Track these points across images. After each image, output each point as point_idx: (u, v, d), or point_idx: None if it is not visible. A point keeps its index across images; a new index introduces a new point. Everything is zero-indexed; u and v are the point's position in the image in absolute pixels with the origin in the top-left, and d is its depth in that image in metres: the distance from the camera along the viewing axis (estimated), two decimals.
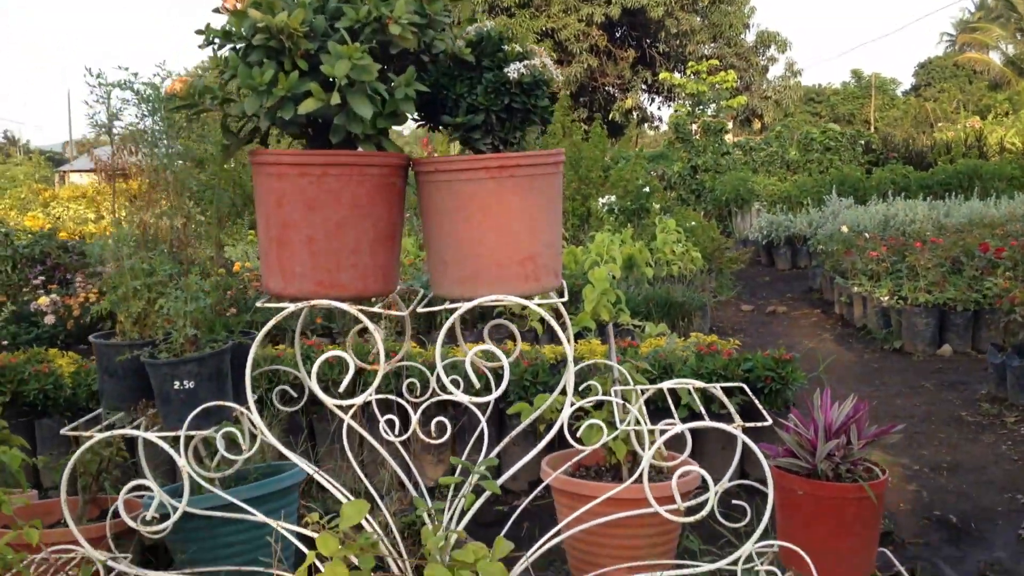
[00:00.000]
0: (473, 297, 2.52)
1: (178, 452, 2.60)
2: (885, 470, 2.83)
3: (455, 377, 2.84)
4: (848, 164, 19.89)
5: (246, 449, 2.65)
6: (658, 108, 34.89)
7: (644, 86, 32.30)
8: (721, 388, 2.94)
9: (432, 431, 2.82)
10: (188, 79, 2.35)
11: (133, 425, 2.71)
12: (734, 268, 11.69)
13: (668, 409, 3.27)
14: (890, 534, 4.03)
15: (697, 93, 20.20)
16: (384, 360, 2.61)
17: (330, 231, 2.42)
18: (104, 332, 2.87)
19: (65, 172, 33.30)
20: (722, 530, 3.22)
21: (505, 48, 2.42)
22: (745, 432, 2.62)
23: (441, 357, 2.59)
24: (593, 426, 2.73)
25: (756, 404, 2.91)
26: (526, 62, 2.37)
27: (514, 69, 2.36)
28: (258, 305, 2.53)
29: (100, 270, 2.74)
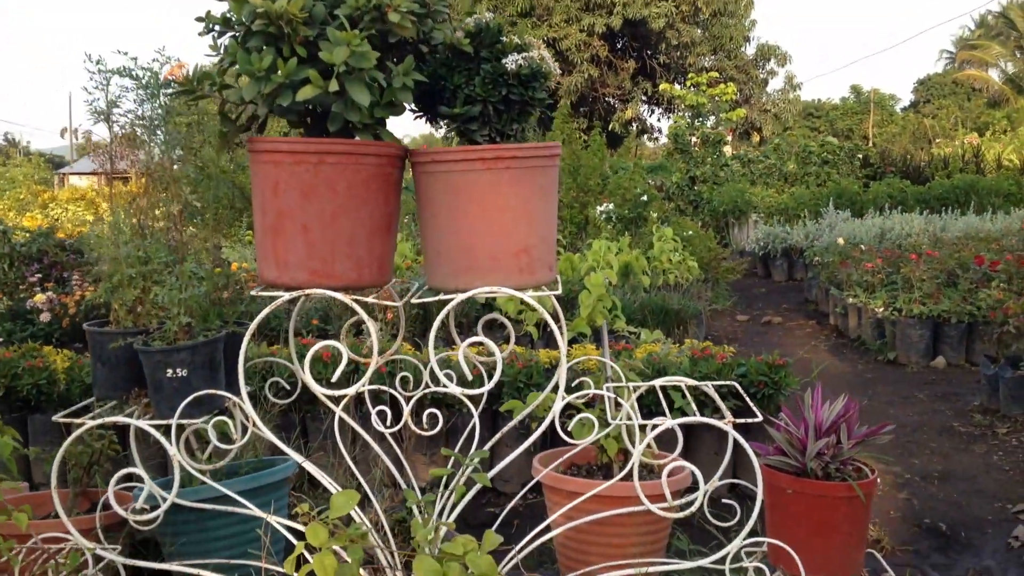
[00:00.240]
0: (467, 289, 2.53)
1: (169, 441, 2.60)
2: (874, 470, 2.83)
3: (448, 371, 2.84)
4: (846, 177, 19.93)
5: (238, 440, 2.64)
6: (658, 119, 34.99)
7: (644, 97, 32.37)
8: (713, 387, 2.94)
9: (424, 422, 2.82)
10: (186, 65, 2.35)
11: (125, 414, 2.70)
12: (731, 278, 11.70)
13: (662, 412, 3.27)
14: (880, 541, 4.03)
15: (697, 105, 20.23)
16: (377, 353, 2.61)
17: (326, 220, 2.42)
18: (98, 320, 2.87)
19: (64, 175, 33.28)
20: (712, 530, 3.22)
21: (503, 40, 2.43)
22: (736, 429, 2.62)
23: (434, 348, 2.59)
24: (584, 420, 2.73)
25: (749, 405, 2.91)
26: (524, 54, 2.38)
27: (512, 61, 2.37)
28: (252, 294, 2.53)
29: (95, 258, 2.73)
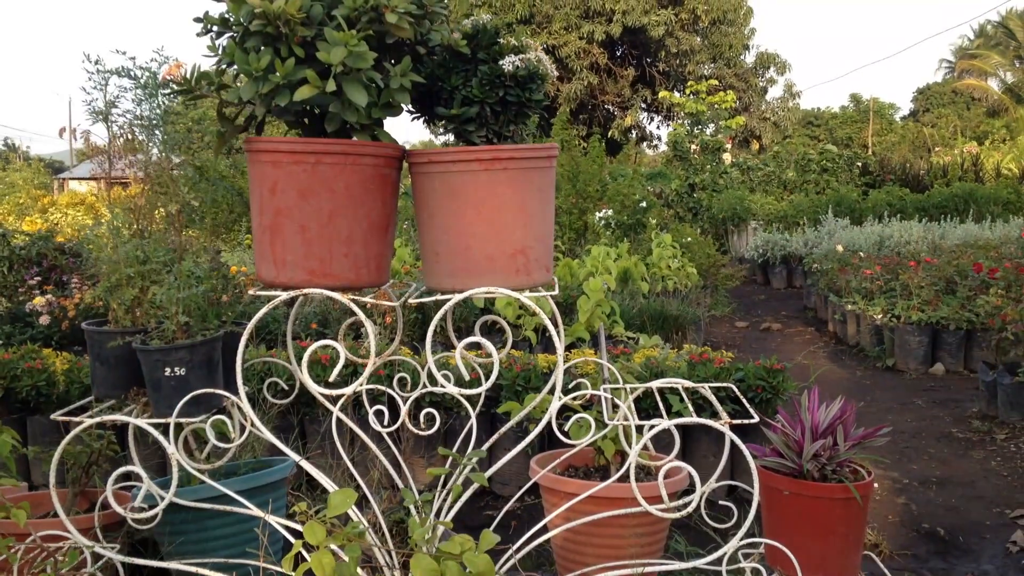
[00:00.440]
0: (464, 289, 2.53)
1: (168, 440, 2.60)
2: (871, 472, 2.84)
3: (446, 372, 2.85)
4: (845, 185, 19.97)
5: (236, 439, 2.65)
6: (657, 127, 35.08)
7: (643, 105, 32.44)
8: (710, 389, 2.95)
9: (421, 422, 2.83)
10: (184, 64, 2.37)
11: (124, 413, 2.71)
12: (729, 285, 11.71)
13: (659, 416, 3.27)
14: (878, 545, 4.04)
15: (696, 113, 20.27)
16: (375, 354, 2.62)
17: (323, 220, 2.43)
18: (97, 319, 2.87)
19: (64, 179, 33.29)
20: (710, 532, 3.22)
21: (501, 41, 2.44)
22: (733, 431, 2.62)
23: (432, 351, 2.60)
24: (581, 420, 2.74)
25: (747, 410, 2.92)
26: (521, 55, 2.39)
27: (509, 62, 2.38)
28: (250, 293, 2.54)
29: (93, 258, 2.74)
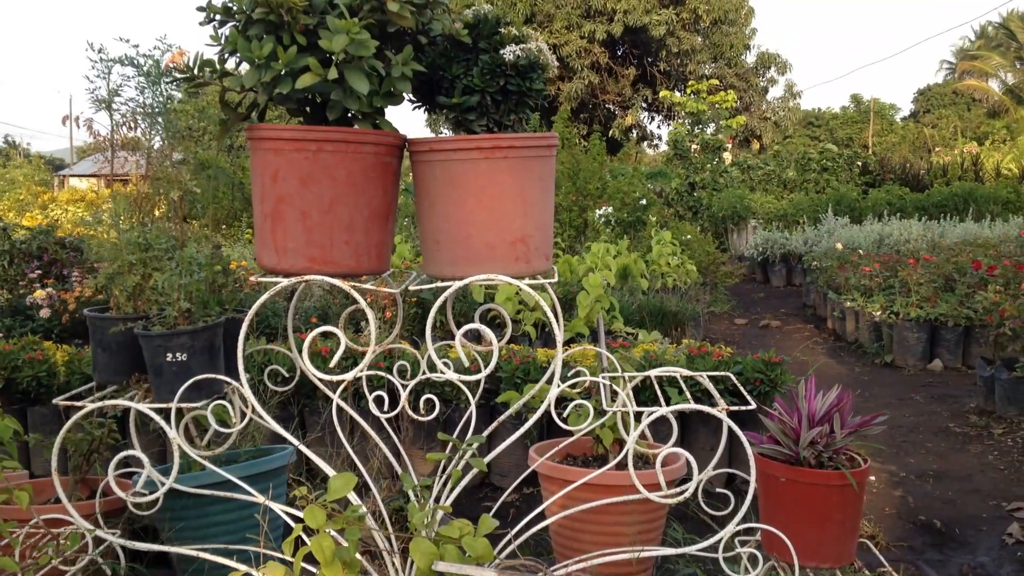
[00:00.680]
0: (464, 277, 2.56)
1: (169, 424, 2.63)
2: (867, 460, 2.86)
3: (446, 360, 2.87)
4: (845, 184, 19.98)
5: (236, 424, 2.67)
6: (658, 126, 35.09)
7: (644, 104, 32.47)
8: (708, 377, 2.97)
9: (421, 408, 2.85)
10: (187, 52, 2.39)
11: (126, 398, 2.73)
12: (729, 282, 11.74)
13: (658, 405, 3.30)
14: (874, 537, 4.06)
15: (697, 112, 20.29)
16: (375, 341, 2.64)
17: (324, 207, 2.45)
18: (99, 306, 2.90)
19: (65, 176, 33.31)
20: (707, 520, 3.25)
21: (502, 31, 2.46)
22: (730, 416, 2.65)
23: (432, 343, 2.62)
24: (580, 407, 2.76)
25: (743, 393, 2.94)
26: (522, 45, 2.41)
27: (510, 51, 2.40)
28: (252, 280, 2.56)
29: (96, 243, 2.77)
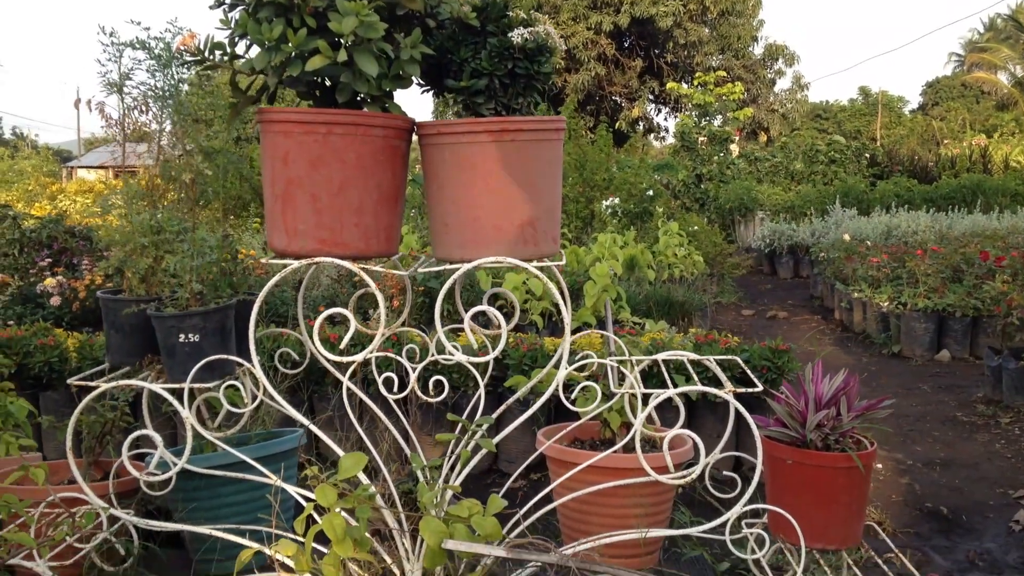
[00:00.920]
0: (473, 259, 2.57)
1: (182, 404, 2.66)
2: (873, 443, 2.87)
3: (454, 344, 2.89)
4: (852, 176, 19.93)
5: (248, 405, 2.70)
6: (665, 119, 35.02)
7: (651, 96, 32.41)
8: (716, 360, 2.99)
9: (430, 390, 2.87)
10: (198, 35, 2.41)
11: (138, 379, 2.76)
12: (736, 274, 11.74)
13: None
14: (881, 523, 4.07)
15: (704, 104, 20.26)
16: (384, 324, 2.66)
17: (334, 190, 2.47)
18: (112, 289, 2.93)
19: (73, 168, 33.40)
20: (714, 503, 3.27)
21: (510, 14, 2.48)
22: (737, 398, 2.66)
23: (441, 318, 2.63)
24: (588, 389, 2.78)
25: (750, 376, 2.96)
26: (530, 28, 2.43)
27: (518, 34, 2.42)
28: (263, 262, 2.58)
29: (109, 227, 2.79)
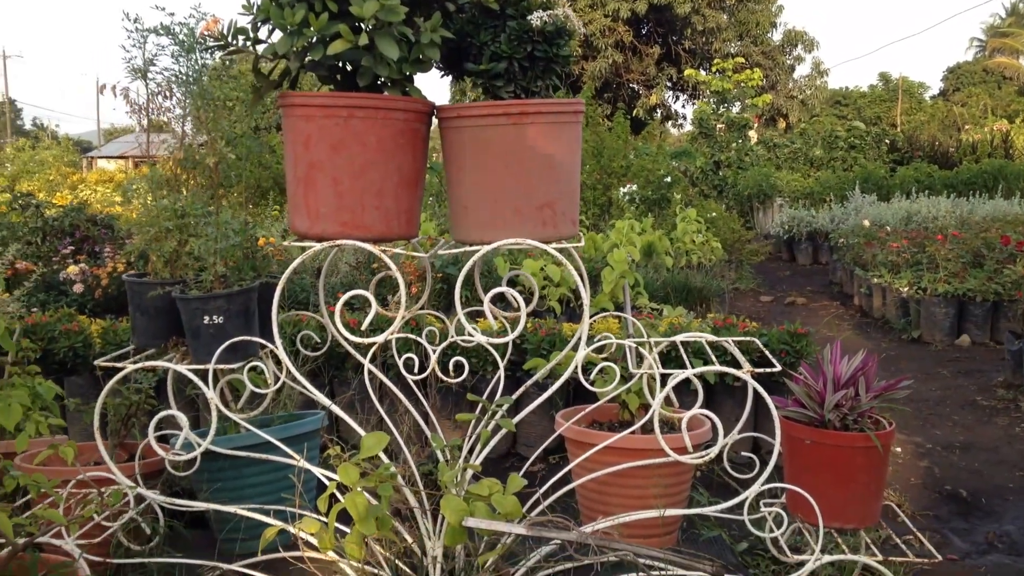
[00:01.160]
0: (492, 241, 2.60)
1: (207, 385, 2.70)
2: (892, 423, 2.88)
3: (474, 325, 2.92)
4: (872, 162, 19.81)
5: (271, 385, 2.74)
6: (682, 106, 34.85)
7: (669, 83, 32.25)
8: (734, 342, 3.01)
9: (451, 370, 2.90)
10: (221, 20, 2.44)
11: (165, 359, 2.81)
12: (754, 260, 11.71)
13: (683, 381, 3.32)
14: (900, 506, 4.08)
15: (722, 91, 20.16)
16: (404, 306, 2.69)
17: (355, 173, 2.50)
18: (137, 272, 2.97)
19: (93, 158, 33.64)
20: (733, 484, 3.29)
21: None
22: (755, 378, 2.68)
23: (461, 299, 2.66)
24: (607, 370, 2.80)
25: (768, 357, 2.97)
26: (549, 11, 2.44)
27: (537, 17, 2.44)
28: (285, 244, 2.62)
29: (132, 219, 2.83)
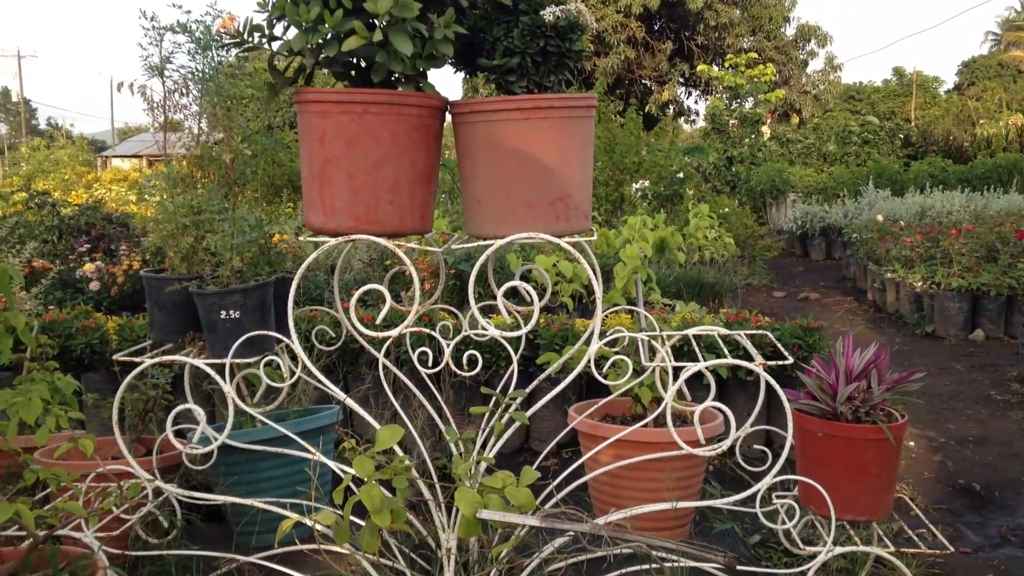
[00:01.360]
0: (505, 235, 2.62)
1: (224, 379, 2.73)
2: (904, 415, 2.89)
3: (488, 318, 2.95)
4: (886, 157, 19.74)
5: (287, 380, 2.77)
6: (695, 102, 34.78)
7: (681, 79, 32.17)
8: (746, 336, 3.02)
9: (464, 364, 2.93)
10: (237, 17, 2.47)
11: (182, 354, 2.84)
12: (767, 256, 11.69)
13: (696, 374, 3.34)
14: (913, 500, 4.08)
15: (735, 86, 20.11)
16: (418, 301, 2.72)
17: (369, 168, 2.53)
18: (154, 268, 3.01)
19: (107, 157, 33.82)
20: (746, 477, 3.30)
21: None
22: (767, 372, 2.69)
23: (474, 294, 2.69)
24: (619, 363, 2.82)
25: (780, 350, 2.98)
26: (562, 6, 2.46)
27: (550, 12, 2.46)
28: (300, 240, 2.65)
29: (149, 215, 2.86)
